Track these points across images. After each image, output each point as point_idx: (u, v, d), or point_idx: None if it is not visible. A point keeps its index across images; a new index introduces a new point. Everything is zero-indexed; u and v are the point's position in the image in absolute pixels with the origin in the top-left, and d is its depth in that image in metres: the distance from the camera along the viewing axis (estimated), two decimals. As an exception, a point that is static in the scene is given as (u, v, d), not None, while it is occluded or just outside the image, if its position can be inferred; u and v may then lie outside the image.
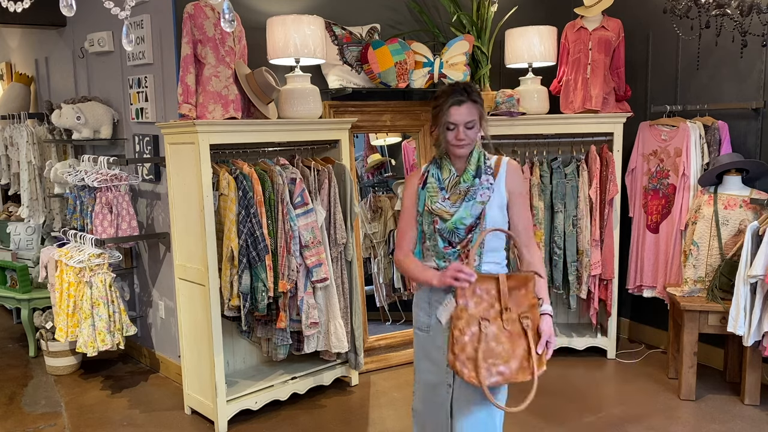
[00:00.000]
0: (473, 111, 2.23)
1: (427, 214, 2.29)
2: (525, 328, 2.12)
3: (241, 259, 3.44)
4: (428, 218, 2.29)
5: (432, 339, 2.32)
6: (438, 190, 2.29)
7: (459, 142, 2.23)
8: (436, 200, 2.28)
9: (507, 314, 2.12)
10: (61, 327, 3.98)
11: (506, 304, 2.12)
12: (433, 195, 2.29)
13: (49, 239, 5.17)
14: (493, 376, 2.10)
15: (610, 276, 4.37)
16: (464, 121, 2.21)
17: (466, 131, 2.22)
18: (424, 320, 2.35)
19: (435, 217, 2.27)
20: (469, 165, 2.28)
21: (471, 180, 2.26)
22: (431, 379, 2.35)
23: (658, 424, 3.55)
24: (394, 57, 4.09)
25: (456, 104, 2.22)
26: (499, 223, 2.25)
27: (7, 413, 3.84)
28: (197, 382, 3.68)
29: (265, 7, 4.00)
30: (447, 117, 2.22)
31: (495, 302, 2.13)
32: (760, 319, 3.51)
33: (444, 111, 2.23)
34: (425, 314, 2.35)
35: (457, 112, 2.21)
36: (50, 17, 4.80)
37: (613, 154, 4.27)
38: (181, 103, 3.44)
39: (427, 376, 2.37)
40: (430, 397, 2.36)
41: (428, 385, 2.37)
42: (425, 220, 2.30)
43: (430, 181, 2.32)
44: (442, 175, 2.31)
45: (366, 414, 3.74)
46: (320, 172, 3.81)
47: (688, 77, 4.41)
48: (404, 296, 4.92)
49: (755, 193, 3.90)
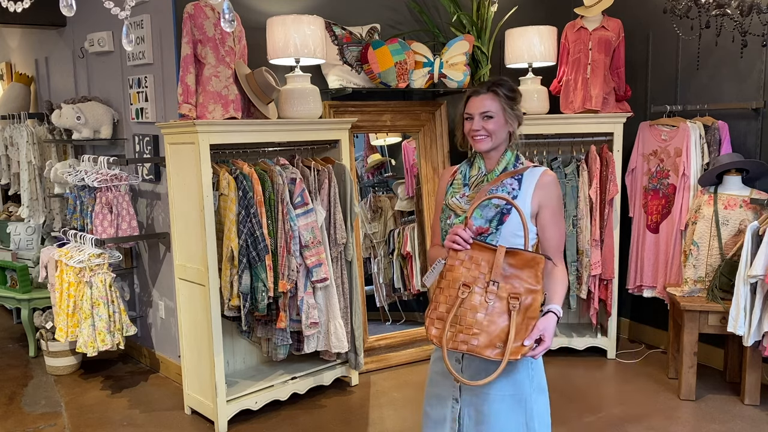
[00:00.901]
0: (492, 102, 2.15)
1: (445, 208, 2.23)
2: (511, 309, 1.96)
3: (241, 259, 3.44)
4: (445, 213, 2.22)
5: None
6: (462, 186, 2.21)
7: (475, 133, 2.15)
8: (455, 195, 2.20)
9: (492, 288, 1.98)
10: (61, 327, 3.98)
11: (495, 278, 1.99)
12: (456, 191, 2.21)
13: (49, 239, 5.17)
14: (457, 342, 1.97)
15: (610, 276, 4.37)
16: (479, 111, 2.14)
17: (482, 122, 2.14)
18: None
19: (450, 212, 2.20)
20: (498, 166, 2.19)
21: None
22: (437, 391, 2.24)
23: (658, 424, 3.55)
24: (394, 57, 4.09)
25: (474, 95, 2.18)
26: (517, 233, 2.09)
27: (7, 413, 3.84)
28: (197, 382, 3.68)
29: (265, 7, 4.00)
30: (465, 108, 2.19)
31: (487, 273, 2.00)
32: (760, 319, 3.51)
33: (463, 103, 2.20)
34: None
35: (474, 101, 2.17)
36: (50, 17, 4.80)
37: (613, 154, 4.28)
38: (181, 103, 3.44)
39: (434, 388, 2.25)
40: (436, 411, 2.24)
41: (435, 398, 2.25)
42: (443, 215, 2.24)
43: (457, 177, 2.25)
44: (470, 172, 2.23)
45: (366, 414, 3.74)
46: (320, 172, 3.81)
47: (688, 77, 4.41)
48: (404, 296, 4.93)
49: (755, 193, 3.90)
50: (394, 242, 4.90)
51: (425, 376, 2.35)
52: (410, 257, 4.79)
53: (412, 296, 4.91)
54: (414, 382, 4.13)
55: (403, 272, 4.88)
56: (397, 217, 4.98)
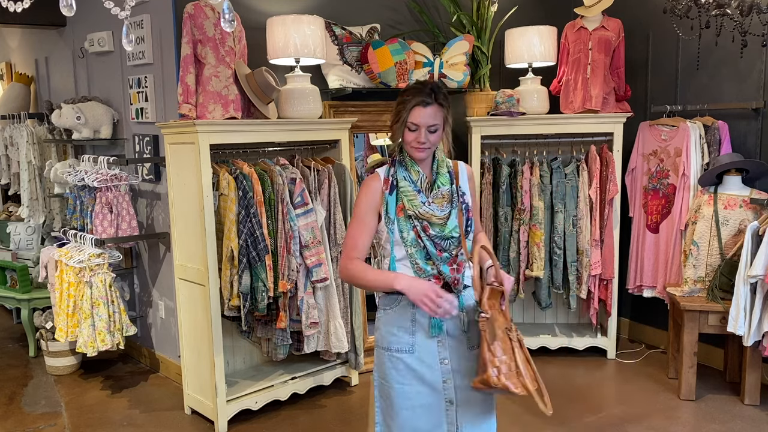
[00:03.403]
0: (438, 114, 2.12)
1: (406, 219, 2.14)
2: (520, 339, 2.11)
3: (241, 259, 3.44)
4: (407, 224, 2.14)
5: (419, 359, 2.16)
6: (415, 193, 2.15)
7: (419, 145, 2.12)
8: (416, 203, 2.14)
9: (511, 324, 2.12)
10: (61, 327, 3.98)
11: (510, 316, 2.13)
12: (412, 198, 2.15)
13: (49, 239, 5.17)
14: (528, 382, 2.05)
15: (610, 276, 4.37)
16: (427, 124, 2.11)
17: (428, 135, 2.12)
18: (406, 340, 2.16)
19: (423, 222, 2.14)
20: (439, 168, 2.20)
21: (449, 184, 2.19)
22: (425, 401, 2.17)
23: (658, 424, 3.55)
24: (394, 57, 4.09)
25: (421, 105, 2.11)
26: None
27: (7, 413, 3.84)
28: (197, 382, 3.68)
29: (265, 7, 4.00)
30: (410, 117, 2.12)
31: (505, 313, 2.12)
32: (760, 319, 3.51)
33: (407, 109, 2.12)
34: (407, 333, 2.16)
35: (422, 113, 2.10)
36: (50, 17, 4.80)
37: (613, 154, 4.27)
38: (181, 103, 3.44)
39: (419, 400, 2.17)
40: (425, 421, 2.18)
41: (422, 408, 2.17)
42: (402, 226, 2.14)
43: (402, 184, 2.17)
44: (412, 176, 2.18)
45: (366, 414, 3.74)
46: (320, 172, 3.81)
47: (688, 77, 4.41)
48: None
49: (755, 193, 3.90)
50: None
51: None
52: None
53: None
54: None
55: (403, 272, 4.88)
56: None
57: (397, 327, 2.18)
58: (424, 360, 2.16)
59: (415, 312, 2.15)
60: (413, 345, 2.16)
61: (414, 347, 2.16)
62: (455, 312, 2.06)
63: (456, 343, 2.18)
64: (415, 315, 2.16)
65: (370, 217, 2.19)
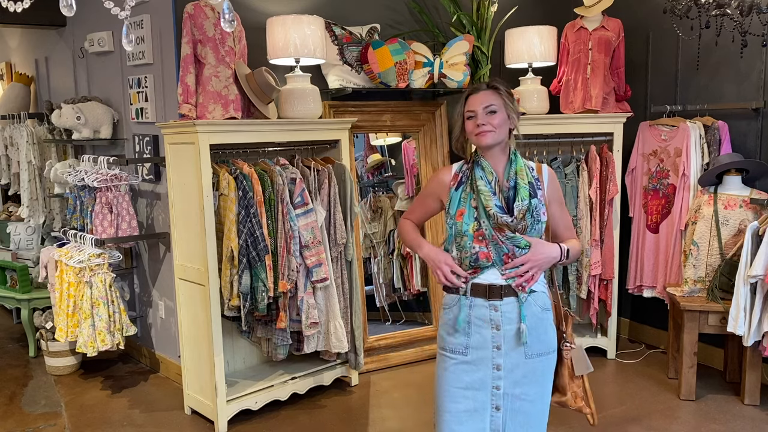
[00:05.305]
0: (492, 97, 2.11)
1: (470, 220, 2.11)
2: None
3: (241, 259, 3.44)
4: (474, 225, 2.11)
5: (472, 362, 2.14)
6: (490, 195, 2.10)
7: (480, 128, 2.09)
8: (491, 204, 2.09)
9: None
10: (61, 327, 3.98)
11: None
12: (488, 200, 2.09)
13: (49, 239, 5.17)
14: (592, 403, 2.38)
15: (610, 276, 4.37)
16: (483, 106, 2.10)
17: (487, 117, 2.09)
18: (460, 341, 2.15)
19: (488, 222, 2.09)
20: (519, 178, 2.12)
21: (528, 197, 2.10)
22: (470, 405, 2.15)
23: (658, 424, 3.55)
24: (394, 57, 4.09)
25: (473, 93, 2.14)
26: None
27: (7, 413, 3.84)
28: (197, 382, 3.68)
29: (265, 7, 4.00)
30: (465, 107, 2.14)
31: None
32: (760, 319, 3.51)
33: (462, 102, 2.15)
34: (462, 334, 2.14)
35: (474, 99, 2.13)
36: (50, 17, 4.80)
37: (613, 154, 4.27)
38: (181, 103, 3.44)
39: (464, 404, 2.15)
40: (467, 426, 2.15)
41: (466, 413, 2.15)
42: (468, 224, 2.11)
43: (480, 183, 2.11)
44: (487, 177, 2.13)
45: (366, 414, 3.74)
46: (320, 172, 3.81)
47: (688, 77, 4.41)
48: (404, 296, 4.92)
49: (755, 193, 3.90)
50: (394, 242, 4.89)
51: (425, 376, 2.36)
52: (410, 257, 4.79)
53: (411, 296, 4.91)
54: (414, 382, 4.12)
55: (403, 272, 4.88)
56: (397, 217, 4.98)
57: (454, 328, 2.17)
58: (477, 364, 2.15)
59: (471, 313, 2.14)
60: (467, 347, 2.15)
61: (468, 350, 2.15)
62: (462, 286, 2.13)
63: (512, 349, 2.14)
64: (471, 316, 2.14)
65: (429, 200, 2.31)
